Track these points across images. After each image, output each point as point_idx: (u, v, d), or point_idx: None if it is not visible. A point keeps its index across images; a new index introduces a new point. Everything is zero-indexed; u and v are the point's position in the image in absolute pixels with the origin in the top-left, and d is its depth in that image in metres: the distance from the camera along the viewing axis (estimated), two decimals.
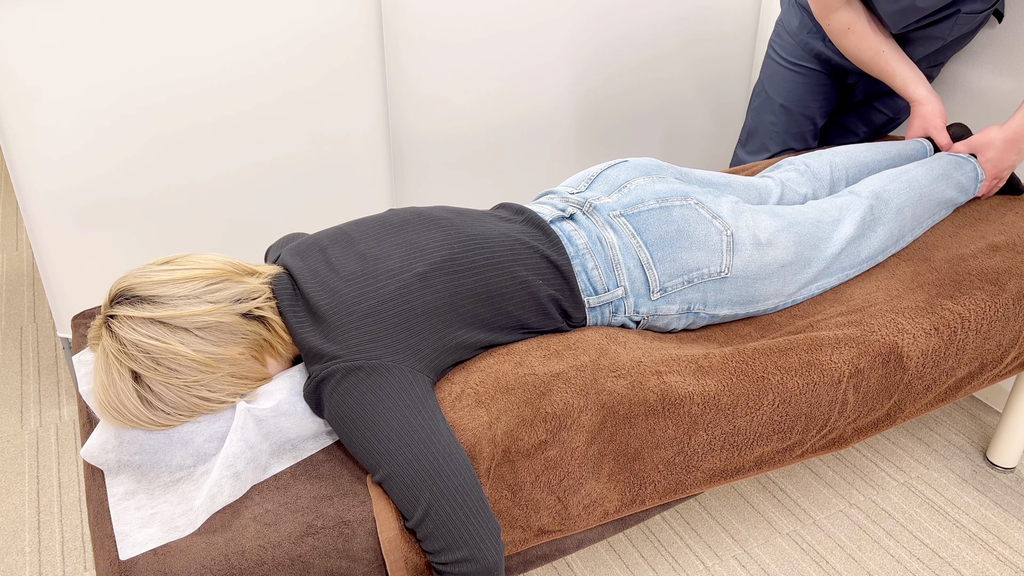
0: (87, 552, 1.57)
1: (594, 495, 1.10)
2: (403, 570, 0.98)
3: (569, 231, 1.22)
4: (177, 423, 1.02)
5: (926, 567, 1.55)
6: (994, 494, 1.71)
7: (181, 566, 0.92)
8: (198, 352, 1.00)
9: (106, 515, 0.98)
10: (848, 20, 1.63)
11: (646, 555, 1.57)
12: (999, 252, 1.42)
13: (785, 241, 1.29)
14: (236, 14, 1.67)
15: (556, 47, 2.08)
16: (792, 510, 1.67)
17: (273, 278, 1.11)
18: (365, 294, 1.06)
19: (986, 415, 1.93)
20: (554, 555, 1.11)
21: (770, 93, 1.88)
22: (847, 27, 1.64)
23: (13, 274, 2.45)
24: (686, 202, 1.27)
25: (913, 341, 1.25)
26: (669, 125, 2.37)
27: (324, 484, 1.02)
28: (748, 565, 1.55)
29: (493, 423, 1.04)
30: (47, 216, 1.70)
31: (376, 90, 1.88)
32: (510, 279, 1.13)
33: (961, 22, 1.60)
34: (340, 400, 0.99)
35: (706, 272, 1.24)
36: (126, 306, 1.00)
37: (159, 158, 1.73)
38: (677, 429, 1.12)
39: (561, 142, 2.23)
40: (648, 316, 1.24)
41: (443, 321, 1.08)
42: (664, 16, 2.18)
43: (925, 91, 1.66)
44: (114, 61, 1.61)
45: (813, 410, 1.19)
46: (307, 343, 1.04)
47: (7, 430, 1.86)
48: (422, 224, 1.17)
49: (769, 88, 1.88)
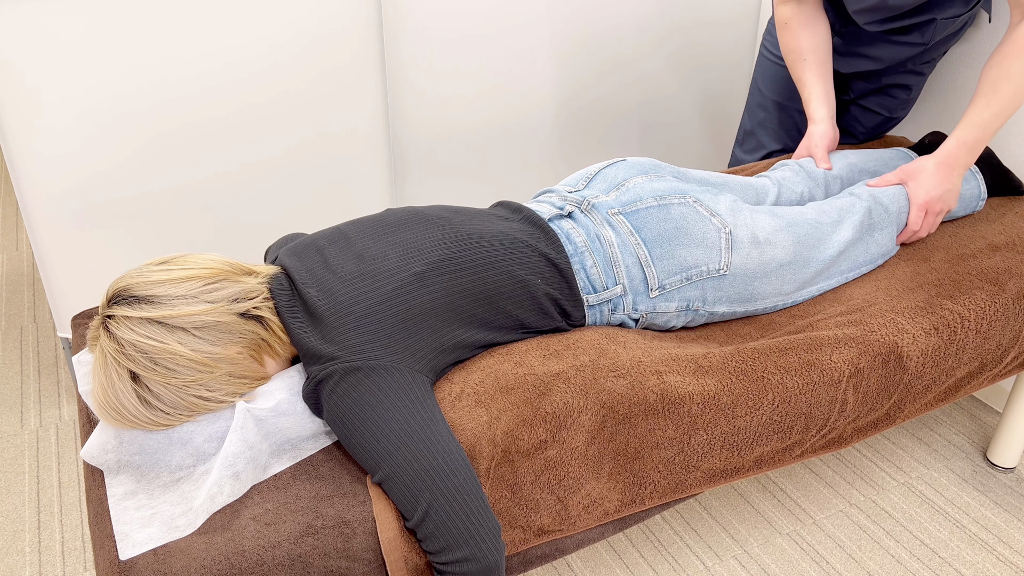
0: (87, 552, 1.57)
1: (594, 495, 1.10)
2: (403, 570, 0.98)
3: (568, 229, 1.22)
4: (176, 423, 1.02)
5: (926, 567, 1.55)
6: (994, 494, 1.71)
7: (181, 566, 0.92)
8: (196, 352, 1.00)
9: (106, 515, 0.98)
10: (788, 16, 1.62)
11: (646, 555, 1.57)
12: (999, 252, 1.42)
13: (784, 241, 1.29)
14: (236, 13, 1.67)
15: (556, 47, 2.08)
16: (792, 510, 1.67)
17: (271, 278, 1.11)
18: (362, 294, 1.06)
19: (986, 415, 1.93)
20: (554, 555, 1.11)
21: (763, 90, 1.89)
22: (785, 22, 1.63)
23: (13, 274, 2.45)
24: (684, 200, 1.27)
25: (913, 341, 1.25)
26: (669, 125, 2.37)
27: (324, 484, 1.01)
28: (748, 565, 1.55)
29: (493, 423, 1.04)
30: (47, 216, 1.70)
31: (376, 89, 1.88)
32: (508, 278, 1.13)
33: (940, 27, 1.58)
34: (339, 401, 0.99)
35: (704, 269, 1.24)
36: (124, 306, 1.00)
37: (159, 158, 1.73)
38: (677, 429, 1.12)
39: (560, 142, 2.23)
40: (647, 314, 1.24)
41: (441, 321, 1.08)
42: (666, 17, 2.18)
43: (824, 113, 1.63)
44: (114, 61, 1.61)
45: (813, 410, 1.19)
46: (305, 344, 1.04)
47: (7, 430, 1.86)
48: (419, 224, 1.17)
49: (762, 85, 1.89)
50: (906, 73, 1.75)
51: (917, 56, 1.70)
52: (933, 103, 1.96)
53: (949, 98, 1.92)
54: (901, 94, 1.79)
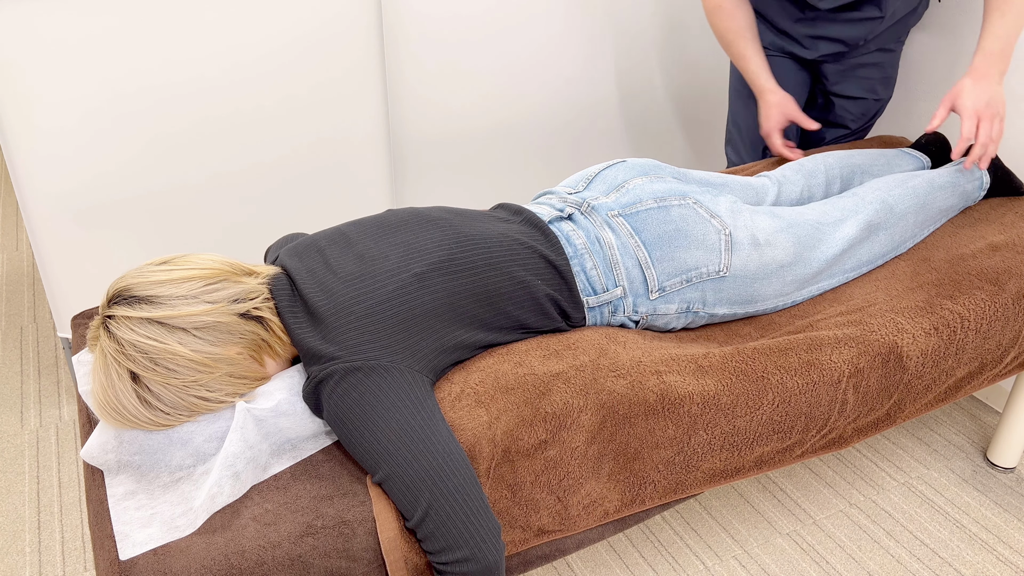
0: (87, 552, 1.57)
1: (594, 495, 1.10)
2: (403, 570, 0.98)
3: (567, 231, 1.22)
4: (176, 423, 1.02)
5: (926, 567, 1.55)
6: (994, 494, 1.71)
7: (181, 566, 0.92)
8: (196, 352, 1.00)
9: (106, 515, 0.98)
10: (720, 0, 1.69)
11: (646, 555, 1.57)
12: (999, 252, 1.42)
13: (784, 242, 1.29)
14: (236, 15, 1.67)
15: (555, 48, 2.08)
16: (792, 510, 1.67)
17: (271, 278, 1.11)
18: (363, 295, 1.06)
19: (986, 415, 1.93)
20: (554, 555, 1.11)
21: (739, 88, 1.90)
22: (718, 5, 1.69)
23: (13, 274, 2.45)
24: (684, 201, 1.27)
25: (913, 341, 1.25)
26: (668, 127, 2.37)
27: (324, 484, 1.02)
28: (748, 565, 1.55)
29: (493, 423, 1.04)
30: (47, 216, 1.70)
31: (376, 91, 1.88)
32: (508, 279, 1.13)
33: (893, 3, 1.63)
34: (339, 401, 0.99)
35: (704, 271, 1.24)
36: (124, 306, 1.00)
37: (159, 158, 1.73)
38: (677, 429, 1.12)
39: (560, 143, 2.23)
40: (647, 315, 1.24)
41: (441, 321, 1.08)
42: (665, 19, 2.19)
43: (773, 82, 1.73)
44: (114, 61, 1.61)
45: (813, 410, 1.19)
46: (305, 344, 1.04)
47: (7, 430, 1.86)
48: (420, 225, 1.17)
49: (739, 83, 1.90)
50: (875, 52, 1.79)
51: (881, 34, 1.74)
52: (933, 104, 1.97)
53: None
54: (875, 73, 1.82)
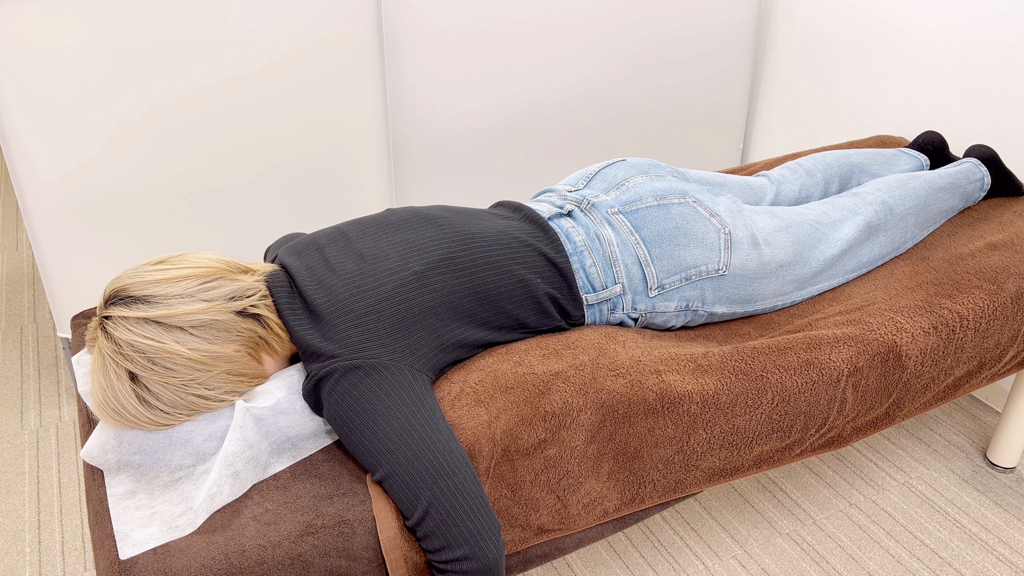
0: (87, 552, 1.57)
1: (593, 494, 1.10)
2: (403, 569, 0.98)
3: (567, 228, 1.22)
4: (176, 422, 1.02)
5: (926, 567, 1.55)
6: (994, 494, 1.71)
7: (181, 566, 0.92)
8: (193, 351, 1.00)
9: (106, 515, 0.98)
10: None
11: (646, 555, 1.57)
12: (997, 251, 1.42)
13: (783, 241, 1.29)
14: (236, 15, 1.67)
15: (554, 48, 2.08)
16: (792, 510, 1.67)
17: (269, 276, 1.11)
18: (363, 293, 1.06)
19: (986, 415, 1.93)
20: (554, 554, 1.11)
21: None
22: None
23: (13, 274, 2.45)
24: (684, 200, 1.27)
25: (912, 340, 1.25)
26: (667, 128, 2.37)
27: (324, 484, 1.02)
28: (748, 565, 1.55)
29: (492, 422, 1.04)
30: (47, 216, 1.70)
31: (376, 90, 1.88)
32: (508, 277, 1.13)
33: None
34: (339, 399, 0.99)
35: (704, 270, 1.24)
36: (121, 306, 1.00)
37: (159, 159, 1.73)
38: (676, 428, 1.12)
39: (559, 143, 2.23)
40: (646, 313, 1.24)
41: (441, 320, 1.08)
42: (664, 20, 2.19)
43: None
44: (114, 62, 1.61)
45: (812, 409, 1.19)
46: (305, 341, 1.04)
47: (7, 430, 1.86)
48: (419, 223, 1.17)
49: None
50: None
51: None
52: (933, 103, 1.97)
53: (944, 97, 1.92)
54: None
